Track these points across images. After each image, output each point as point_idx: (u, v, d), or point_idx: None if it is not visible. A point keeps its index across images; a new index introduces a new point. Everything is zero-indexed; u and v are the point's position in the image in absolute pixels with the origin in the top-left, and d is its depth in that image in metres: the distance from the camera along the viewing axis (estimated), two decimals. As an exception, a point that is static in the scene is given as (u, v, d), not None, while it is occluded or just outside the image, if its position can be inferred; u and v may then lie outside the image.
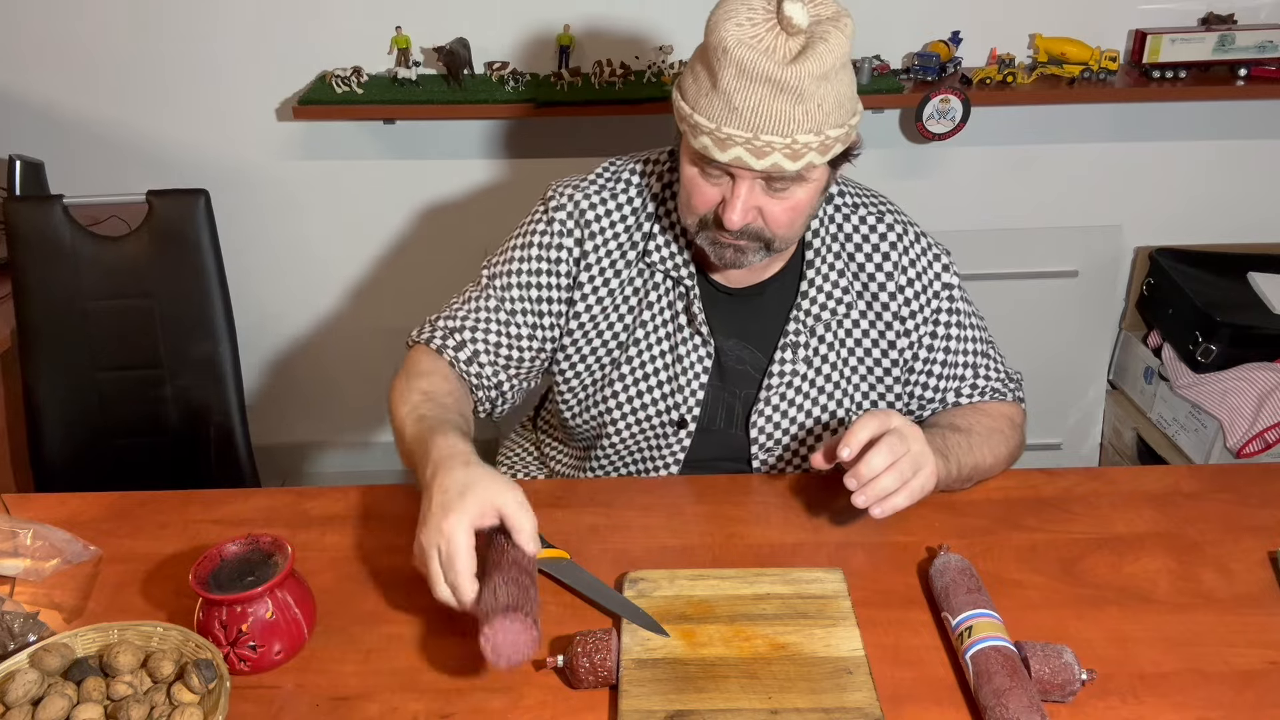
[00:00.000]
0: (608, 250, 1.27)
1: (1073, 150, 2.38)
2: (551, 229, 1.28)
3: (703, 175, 1.13)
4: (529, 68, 2.23)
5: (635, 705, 0.93)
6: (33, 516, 1.20)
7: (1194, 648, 1.01)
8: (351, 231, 2.45)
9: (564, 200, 1.28)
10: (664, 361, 1.29)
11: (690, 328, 1.27)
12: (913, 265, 1.28)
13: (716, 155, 1.08)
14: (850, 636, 1.00)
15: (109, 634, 0.97)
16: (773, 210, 1.13)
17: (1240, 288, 2.36)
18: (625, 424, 1.31)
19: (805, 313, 1.27)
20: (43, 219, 1.71)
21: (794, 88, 1.03)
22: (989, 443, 1.24)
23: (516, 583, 0.93)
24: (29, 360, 1.73)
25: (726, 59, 1.04)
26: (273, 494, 1.31)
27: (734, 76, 1.04)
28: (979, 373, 1.32)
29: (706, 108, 1.07)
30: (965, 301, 1.32)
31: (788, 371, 1.28)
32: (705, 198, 1.14)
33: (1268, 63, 2.18)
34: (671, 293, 1.28)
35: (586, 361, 1.31)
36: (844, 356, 1.29)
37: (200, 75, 2.27)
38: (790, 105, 1.04)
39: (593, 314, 1.29)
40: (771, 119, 1.04)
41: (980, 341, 1.32)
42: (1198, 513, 1.22)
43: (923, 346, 1.29)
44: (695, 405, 1.29)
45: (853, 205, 1.29)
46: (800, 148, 1.06)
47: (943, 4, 2.21)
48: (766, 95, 1.04)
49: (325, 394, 2.65)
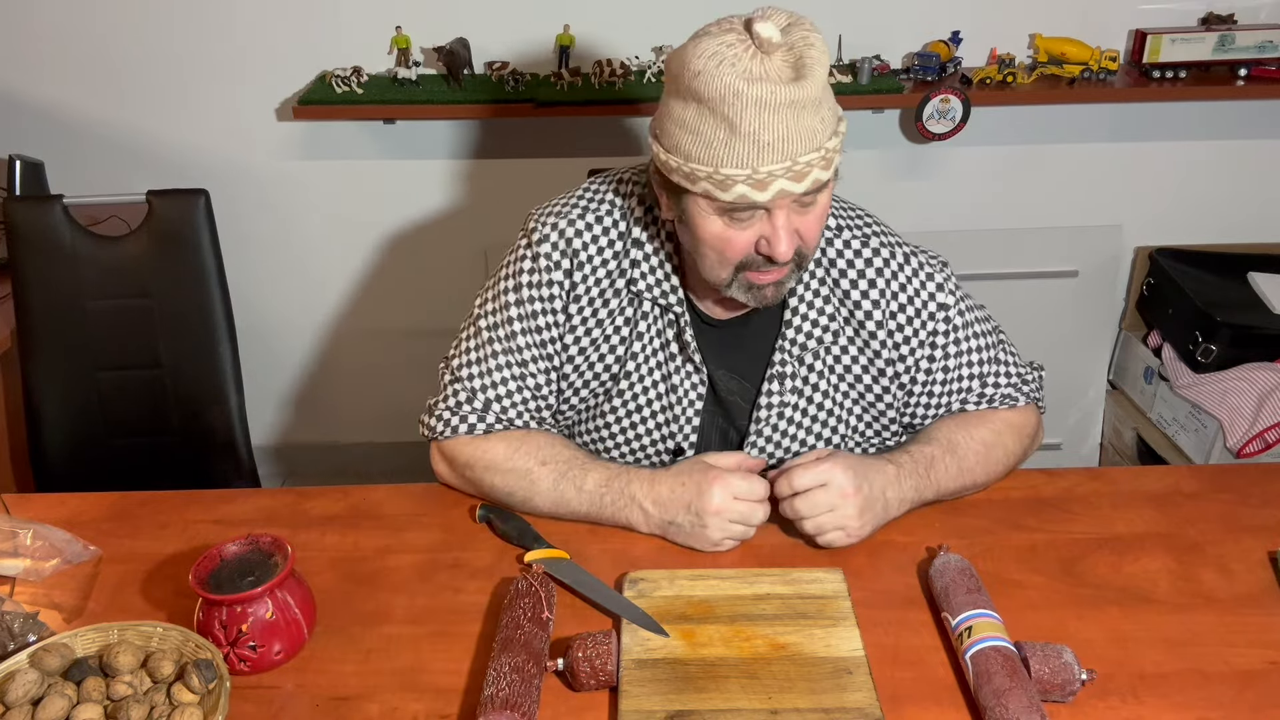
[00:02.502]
0: (596, 279, 1.22)
1: (1073, 150, 2.38)
2: (539, 265, 1.22)
3: (731, 224, 1.07)
4: (529, 68, 2.23)
5: (635, 705, 0.93)
6: (33, 516, 1.20)
7: (1194, 648, 1.01)
8: (351, 231, 2.45)
9: (547, 230, 1.22)
10: (657, 391, 1.25)
11: (682, 355, 1.24)
12: (903, 290, 1.23)
13: (757, 198, 1.03)
14: (850, 637, 1.00)
15: (109, 634, 0.97)
16: (805, 226, 1.09)
17: (1240, 288, 2.36)
18: (620, 452, 1.29)
19: (791, 342, 1.23)
20: (43, 219, 1.71)
21: (813, 99, 1.01)
22: (983, 462, 1.23)
23: (521, 672, 0.93)
24: (29, 360, 1.73)
25: (740, 102, 1.00)
26: (273, 494, 1.31)
27: (755, 114, 1.00)
28: (986, 382, 1.28)
29: (729, 157, 1.02)
30: (964, 313, 1.26)
31: (776, 403, 1.25)
32: (739, 246, 1.08)
33: (1268, 63, 2.18)
34: (660, 320, 1.24)
35: (580, 393, 1.27)
36: (834, 384, 1.26)
37: (200, 75, 2.27)
38: (813, 118, 1.02)
39: (582, 345, 1.24)
40: (803, 139, 1.02)
41: (985, 349, 1.28)
42: (1198, 513, 1.22)
43: (920, 370, 1.26)
44: (692, 432, 1.26)
45: (836, 229, 1.23)
46: (828, 152, 1.04)
47: (943, 4, 2.21)
48: (792, 119, 1.01)
49: (325, 394, 2.65)
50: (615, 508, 1.17)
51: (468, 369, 1.25)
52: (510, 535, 1.18)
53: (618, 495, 1.17)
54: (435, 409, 1.26)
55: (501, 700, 0.89)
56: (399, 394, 2.51)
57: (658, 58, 2.18)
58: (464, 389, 1.24)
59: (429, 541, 1.19)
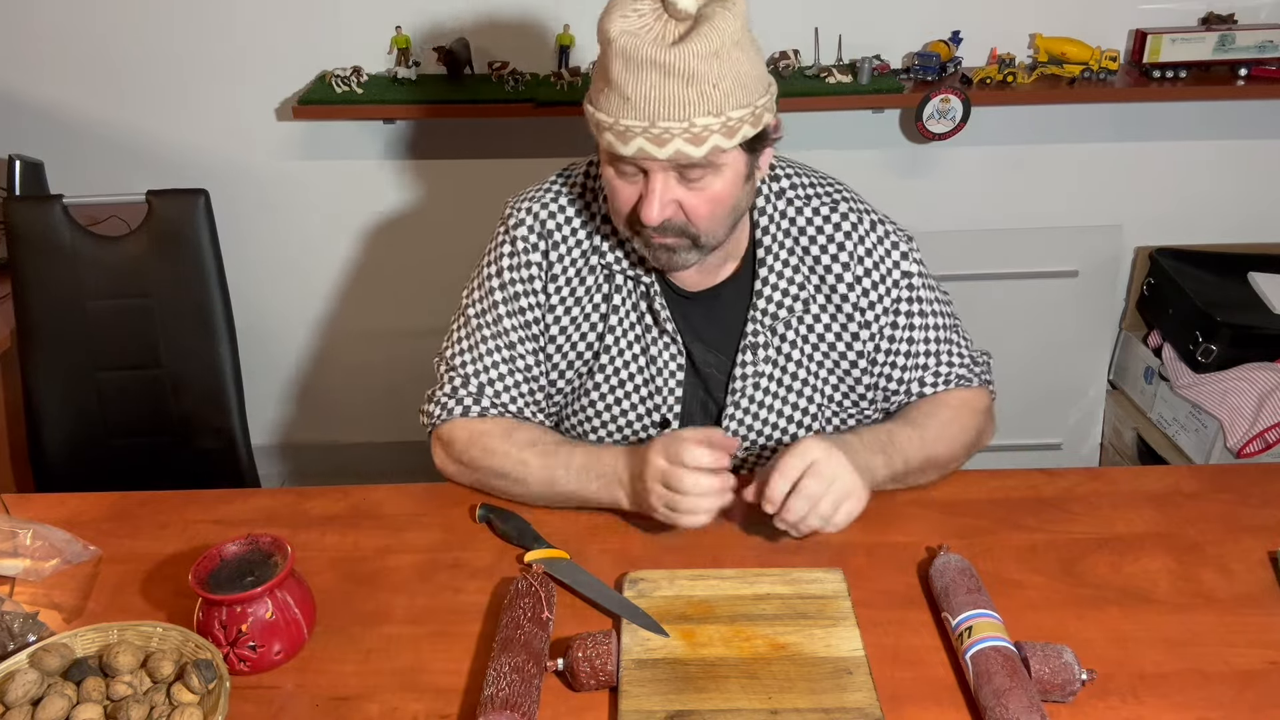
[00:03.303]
0: (572, 259, 1.26)
1: (1073, 150, 2.38)
2: (516, 248, 1.26)
3: (618, 175, 1.12)
4: (529, 68, 2.23)
5: (635, 705, 0.93)
6: (33, 516, 1.20)
7: (1194, 648, 1.01)
8: (351, 231, 2.45)
9: (523, 215, 1.27)
10: (638, 365, 1.27)
11: (658, 328, 1.26)
12: (869, 254, 1.25)
13: (620, 149, 1.07)
14: (850, 637, 1.00)
15: (109, 634, 0.97)
16: (691, 203, 1.11)
17: (1240, 288, 2.36)
18: (607, 430, 1.30)
19: (762, 312, 1.25)
20: (43, 219, 1.71)
21: (681, 70, 1.02)
22: (945, 434, 1.24)
23: (521, 672, 0.93)
24: (29, 360, 1.73)
25: (613, 50, 1.04)
26: (273, 494, 1.31)
27: (622, 67, 1.04)
28: (942, 360, 1.30)
29: (605, 104, 1.07)
30: (927, 288, 1.29)
31: (750, 373, 1.26)
32: (625, 197, 1.13)
33: (1268, 63, 2.18)
34: (634, 294, 1.26)
35: (564, 373, 1.29)
36: (808, 353, 1.27)
37: (200, 75, 2.27)
38: (681, 88, 1.03)
39: (562, 324, 1.27)
40: (664, 104, 1.04)
41: (943, 329, 1.30)
42: (1198, 513, 1.22)
43: (884, 337, 1.28)
44: (675, 403, 1.28)
45: (805, 197, 1.26)
46: (701, 131, 1.05)
47: (943, 4, 2.21)
48: (656, 80, 1.03)
49: (325, 394, 2.65)
50: (601, 481, 1.17)
51: (460, 356, 1.28)
52: (510, 535, 1.18)
53: (604, 468, 1.18)
54: (433, 397, 1.29)
55: (501, 700, 0.89)
56: (399, 394, 2.51)
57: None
58: (458, 375, 1.28)
59: (429, 541, 1.19)
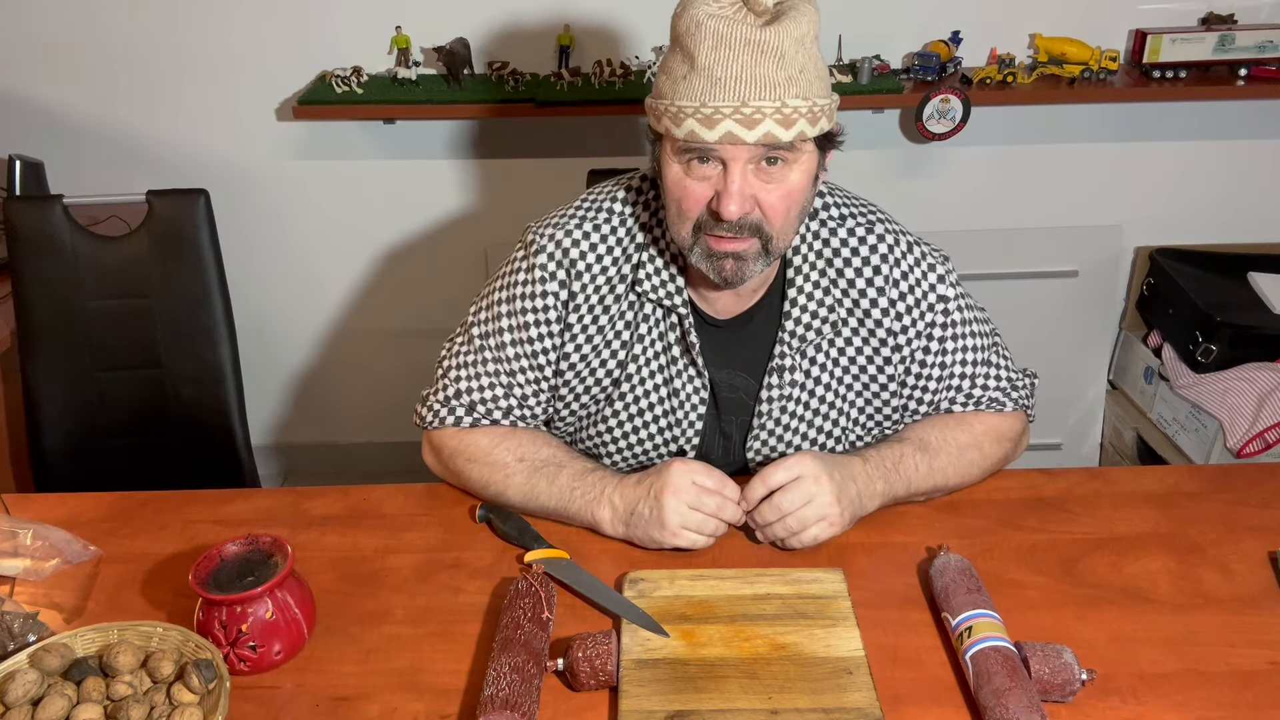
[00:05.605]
0: (596, 286, 1.22)
1: (1073, 150, 2.38)
2: (533, 276, 1.22)
3: (689, 174, 1.09)
4: (529, 68, 2.23)
5: (635, 705, 0.93)
6: (33, 516, 1.20)
7: (1194, 648, 1.01)
8: (351, 231, 2.45)
9: (545, 243, 1.23)
10: (659, 395, 1.25)
11: (685, 358, 1.24)
12: (905, 278, 1.23)
13: (705, 136, 1.04)
14: (850, 637, 1.00)
15: (109, 634, 0.97)
16: (768, 199, 1.09)
17: (1240, 288, 2.36)
18: (622, 455, 1.29)
19: (791, 334, 1.23)
20: (43, 219, 1.71)
21: (775, 48, 1.02)
22: (956, 464, 1.23)
23: (521, 672, 0.93)
24: (29, 360, 1.73)
25: (701, 33, 1.03)
26: (273, 494, 1.31)
27: (712, 48, 1.03)
28: (976, 383, 1.28)
29: (686, 91, 1.05)
30: (963, 310, 1.27)
31: (777, 396, 1.24)
32: (696, 197, 1.09)
33: (1268, 63, 2.18)
34: (663, 323, 1.24)
35: (580, 398, 1.27)
36: (838, 375, 1.26)
37: (200, 75, 2.27)
38: (774, 67, 1.03)
39: (583, 352, 1.24)
40: (757, 84, 1.03)
41: (979, 350, 1.28)
42: (1198, 513, 1.22)
43: (915, 361, 1.26)
44: (695, 436, 1.26)
45: (839, 218, 1.24)
46: (790, 113, 1.04)
47: (943, 4, 2.21)
48: (749, 60, 1.02)
49: (325, 394, 2.65)
50: (584, 501, 1.17)
51: (457, 370, 1.27)
52: (510, 535, 1.18)
53: (589, 489, 1.17)
54: (427, 400, 1.29)
55: (501, 700, 0.89)
56: (399, 394, 2.51)
57: (657, 57, 2.18)
58: (453, 386, 1.27)
59: (429, 541, 1.19)
